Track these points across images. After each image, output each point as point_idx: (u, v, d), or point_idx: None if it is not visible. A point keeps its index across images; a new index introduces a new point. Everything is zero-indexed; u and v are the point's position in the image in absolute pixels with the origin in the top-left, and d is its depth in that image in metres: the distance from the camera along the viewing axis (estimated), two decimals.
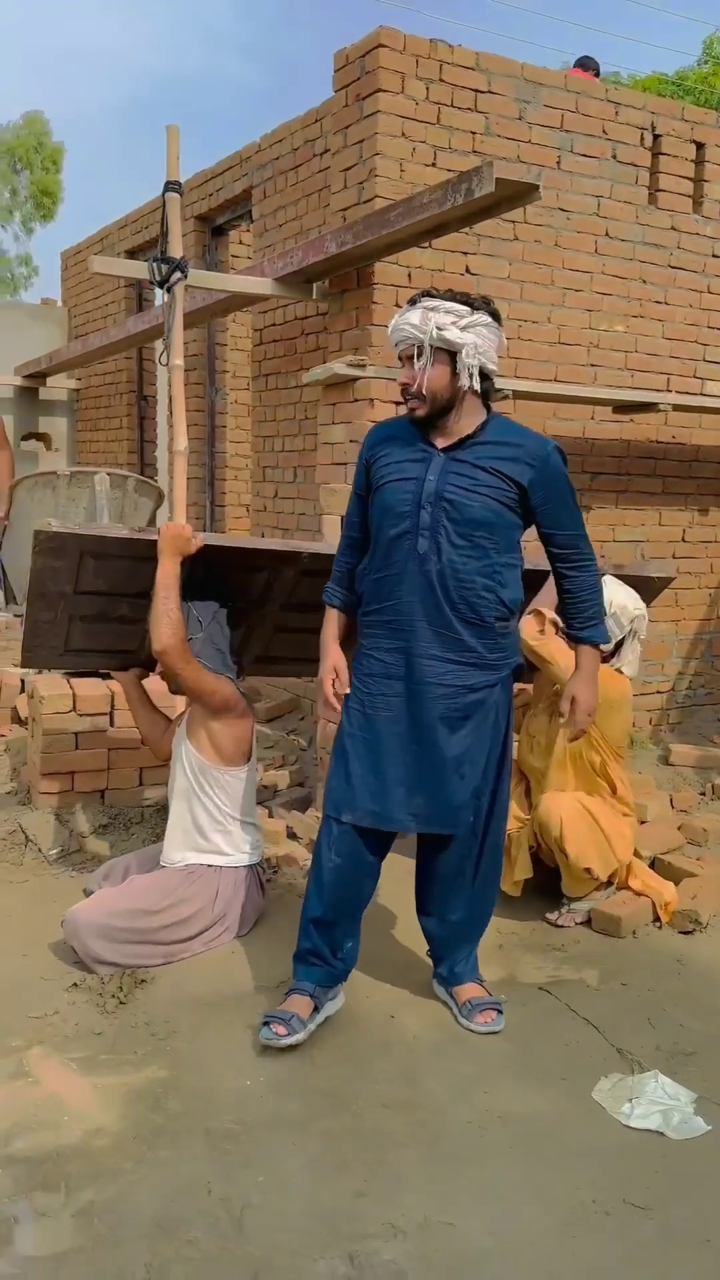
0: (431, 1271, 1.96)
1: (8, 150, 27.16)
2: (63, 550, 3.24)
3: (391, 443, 2.71)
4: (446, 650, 2.63)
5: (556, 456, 2.69)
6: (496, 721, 2.74)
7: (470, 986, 2.86)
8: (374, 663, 2.70)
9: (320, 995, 2.73)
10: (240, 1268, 1.94)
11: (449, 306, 2.56)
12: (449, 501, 2.59)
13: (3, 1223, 2.03)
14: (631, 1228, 2.10)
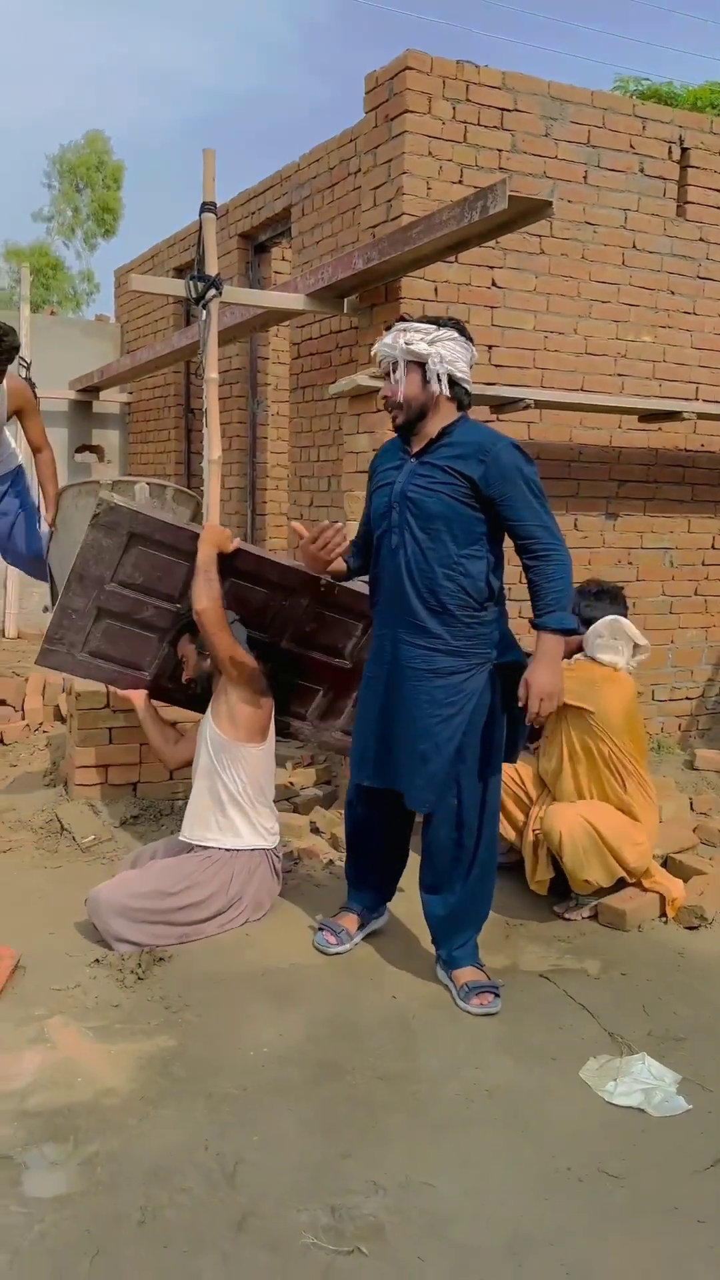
0: (407, 1225, 2.09)
1: (70, 169, 27.90)
2: (116, 526, 3.56)
3: (384, 457, 3.13)
4: (415, 636, 2.90)
5: (508, 452, 2.84)
6: (474, 714, 2.89)
7: (469, 970, 3.00)
8: (372, 649, 3.12)
9: (366, 915, 3.28)
10: (228, 1214, 2.09)
11: (418, 326, 2.90)
12: (411, 500, 2.88)
13: (15, 1168, 2.20)
14: (603, 1194, 2.20)
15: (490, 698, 2.92)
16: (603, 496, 5.46)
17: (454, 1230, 2.08)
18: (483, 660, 2.91)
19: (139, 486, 5.16)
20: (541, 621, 2.84)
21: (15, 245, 27.81)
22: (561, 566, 2.84)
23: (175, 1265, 1.95)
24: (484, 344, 5.00)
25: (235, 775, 3.30)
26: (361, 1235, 2.05)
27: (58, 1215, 2.07)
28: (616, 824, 3.43)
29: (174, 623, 3.80)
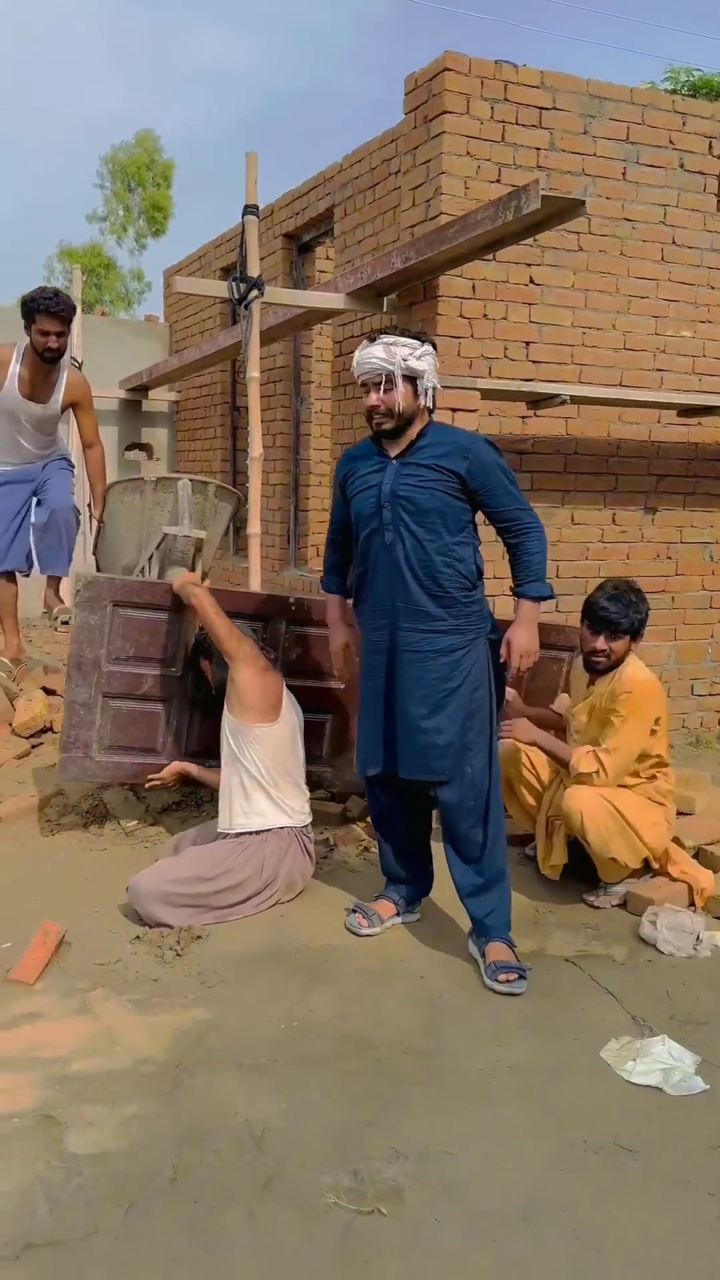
0: (426, 1189, 2.18)
1: (121, 169, 28.26)
2: (98, 600, 3.79)
3: (356, 461, 3.26)
4: (417, 621, 3.09)
5: (485, 449, 3.12)
6: (475, 684, 3.13)
7: (500, 948, 3.11)
8: (368, 641, 3.25)
9: (401, 905, 3.40)
10: (255, 1175, 2.20)
11: (407, 342, 3.05)
12: (404, 498, 3.06)
13: (57, 1127, 2.34)
14: (617, 1166, 2.28)
15: (485, 666, 3.17)
16: (641, 491, 5.50)
17: (471, 1196, 2.17)
18: (477, 634, 3.15)
19: (182, 483, 5.30)
20: (523, 590, 3.15)
21: (70, 246, 28.27)
22: (540, 540, 3.15)
23: (204, 1219, 2.07)
24: (521, 340, 5.08)
25: (253, 757, 3.41)
26: (381, 1197, 2.15)
27: (95, 1170, 2.20)
28: (634, 803, 3.49)
29: (175, 689, 3.96)
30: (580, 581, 5.39)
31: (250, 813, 3.41)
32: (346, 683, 3.39)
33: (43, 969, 2.99)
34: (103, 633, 3.82)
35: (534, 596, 3.14)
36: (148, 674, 3.91)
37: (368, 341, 3.09)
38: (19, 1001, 2.85)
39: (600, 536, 5.43)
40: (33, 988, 2.92)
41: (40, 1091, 2.46)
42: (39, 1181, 2.16)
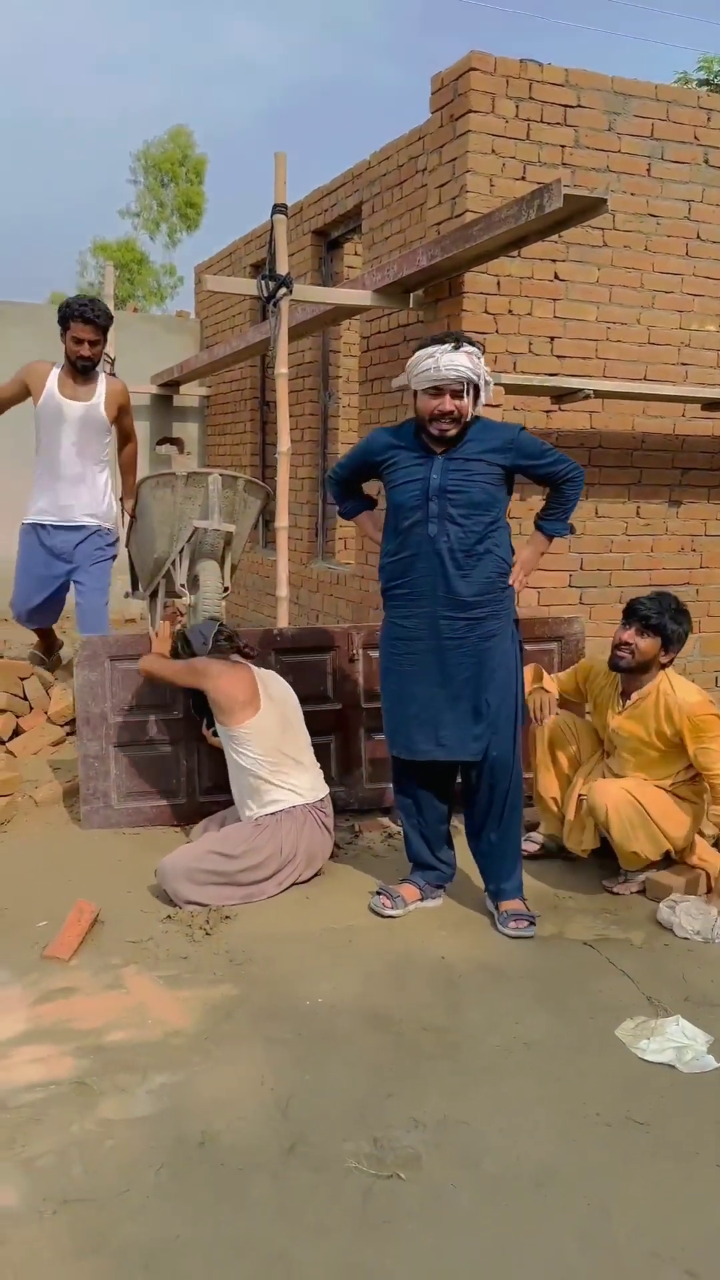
0: (443, 1157, 2.27)
1: (155, 164, 28.44)
2: (95, 658, 4.02)
3: (398, 450, 3.34)
4: (459, 610, 3.22)
5: (522, 435, 3.32)
6: (509, 669, 3.29)
7: (513, 902, 3.38)
8: (399, 628, 3.36)
9: (426, 889, 3.50)
10: (280, 1140, 2.30)
11: (477, 352, 3.16)
12: (451, 492, 3.17)
13: (92, 1094, 2.45)
14: (628, 1138, 2.36)
15: (515, 650, 3.36)
16: (666, 484, 5.54)
17: (486, 1163, 2.26)
18: (509, 619, 3.31)
19: (212, 477, 5.41)
20: (542, 523, 3.43)
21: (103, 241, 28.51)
22: (576, 487, 3.38)
23: (230, 1180, 2.17)
24: (546, 335, 5.14)
25: (250, 754, 3.51)
26: (400, 1163, 2.24)
27: (127, 1134, 2.31)
28: (660, 800, 3.55)
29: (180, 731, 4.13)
30: (605, 574, 5.45)
31: (264, 804, 3.52)
32: None
33: (78, 946, 3.11)
34: (104, 687, 4.06)
35: (548, 532, 3.42)
36: (151, 720, 4.12)
37: (449, 348, 3.12)
38: (55, 976, 2.97)
39: (625, 529, 5.48)
40: (68, 964, 3.04)
41: (75, 1061, 2.58)
42: (74, 1143, 2.27)
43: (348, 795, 4.30)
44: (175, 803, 4.16)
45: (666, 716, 3.53)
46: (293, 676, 4.18)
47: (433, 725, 3.31)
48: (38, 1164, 2.20)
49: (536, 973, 3.09)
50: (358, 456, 3.50)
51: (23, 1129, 2.31)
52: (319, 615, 6.91)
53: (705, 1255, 2.01)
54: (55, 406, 4.66)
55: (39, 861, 3.80)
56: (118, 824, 4.09)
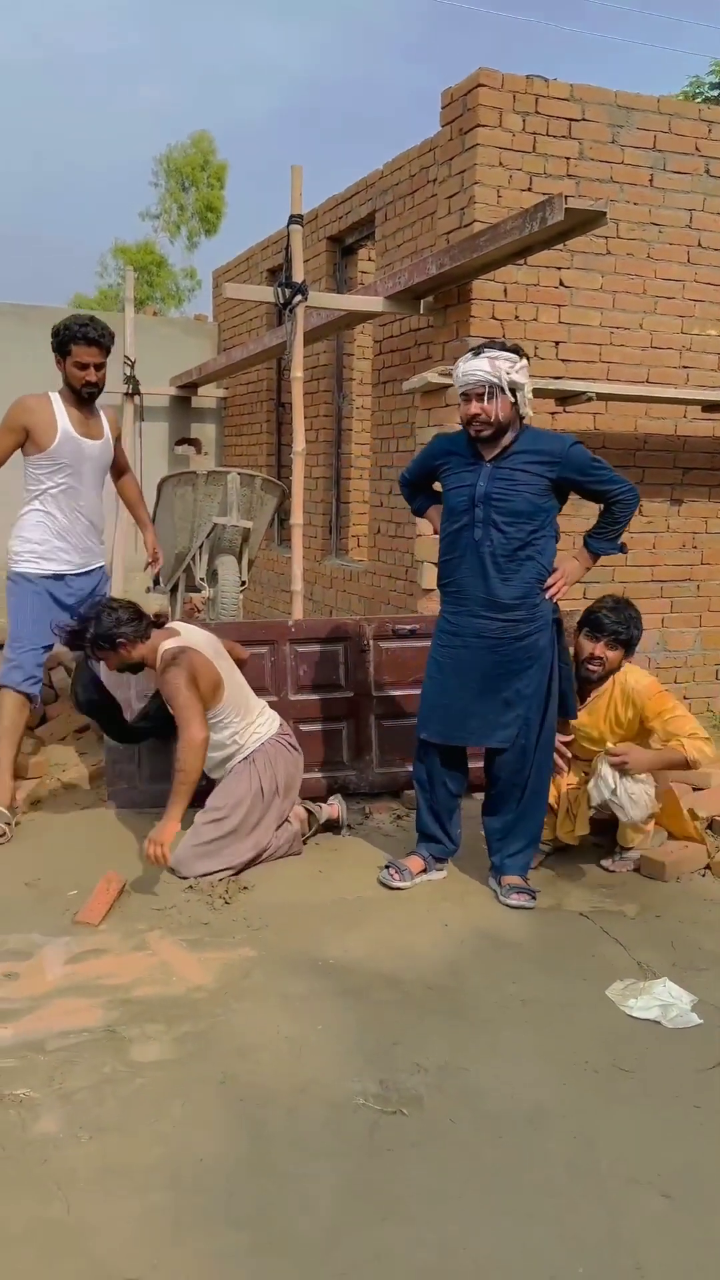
0: (444, 1097, 2.49)
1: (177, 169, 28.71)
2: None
3: (452, 456, 3.54)
4: (497, 611, 3.44)
5: (574, 450, 3.42)
6: (543, 664, 3.49)
7: (515, 878, 3.60)
8: (447, 623, 3.59)
9: (430, 862, 3.70)
10: (294, 1080, 2.52)
11: (508, 356, 3.32)
12: (495, 500, 3.36)
13: (122, 1040, 2.68)
14: (614, 1083, 2.57)
15: (552, 649, 3.53)
16: (667, 484, 5.73)
17: (483, 1103, 2.47)
18: (546, 621, 3.49)
19: (230, 476, 5.66)
20: (590, 542, 3.57)
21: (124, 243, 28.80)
22: (625, 508, 3.49)
23: (249, 1113, 2.39)
24: (551, 340, 5.34)
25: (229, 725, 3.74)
26: (404, 1102, 2.46)
27: (155, 1074, 2.53)
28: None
29: None
30: (608, 570, 5.64)
31: (232, 753, 3.77)
32: None
33: (106, 912, 3.33)
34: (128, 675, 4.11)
35: (593, 550, 3.56)
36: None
37: (471, 355, 3.35)
38: (86, 939, 3.20)
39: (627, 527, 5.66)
40: (97, 928, 3.27)
41: (105, 1013, 2.80)
42: (107, 1081, 2.50)
43: (359, 779, 4.51)
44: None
45: (625, 701, 3.76)
46: (307, 666, 4.41)
47: (463, 714, 3.53)
48: (75, 1098, 2.43)
49: (534, 940, 3.30)
50: (421, 460, 3.70)
51: (60, 1069, 2.54)
52: (332, 610, 7.13)
53: (679, 1181, 2.22)
54: (76, 448, 4.10)
55: (68, 838, 4.03)
56: (141, 804, 4.29)
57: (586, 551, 3.57)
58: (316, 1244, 2.00)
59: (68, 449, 4.09)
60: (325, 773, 4.45)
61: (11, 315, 8.94)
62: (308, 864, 3.84)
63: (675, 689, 5.94)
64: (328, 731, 4.46)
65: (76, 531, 4.22)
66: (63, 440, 4.07)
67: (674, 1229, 2.08)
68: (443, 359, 5.38)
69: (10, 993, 2.88)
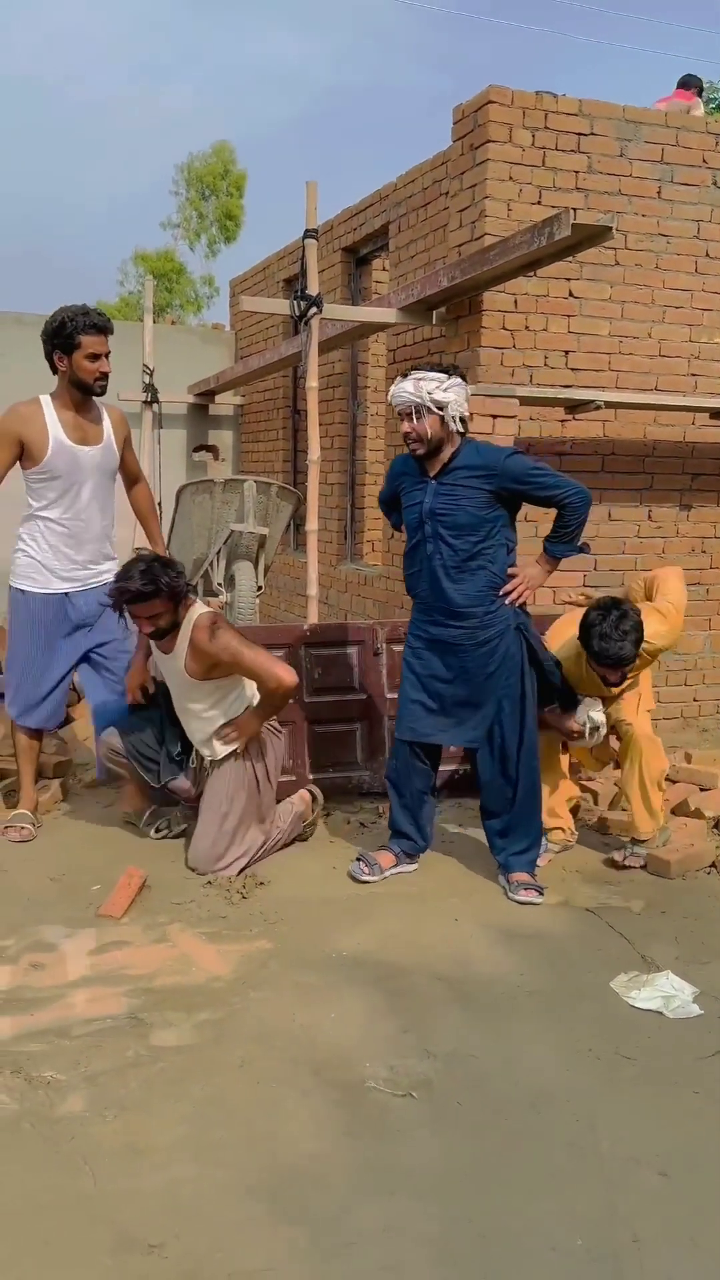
0: (451, 1082, 2.60)
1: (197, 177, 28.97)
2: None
3: (405, 476, 3.71)
4: (455, 620, 3.59)
5: (511, 460, 3.54)
6: (511, 668, 3.59)
7: (522, 875, 3.72)
8: (417, 628, 3.76)
9: (401, 857, 3.83)
10: (308, 1064, 2.64)
11: (434, 376, 3.46)
12: (441, 515, 3.52)
13: (144, 1026, 2.80)
14: (616, 1069, 2.67)
15: (519, 653, 3.64)
16: (676, 489, 5.83)
17: (489, 1087, 2.58)
18: (507, 625, 3.60)
19: (247, 484, 5.80)
20: (549, 546, 3.67)
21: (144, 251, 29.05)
22: (576, 511, 3.57)
23: (265, 1095, 2.51)
24: (560, 349, 5.45)
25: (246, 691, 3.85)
26: (413, 1086, 2.57)
27: (175, 1058, 2.65)
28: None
29: None
30: (618, 575, 5.74)
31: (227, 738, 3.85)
32: None
33: (128, 906, 3.46)
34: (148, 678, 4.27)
35: (551, 554, 3.67)
36: None
37: (401, 377, 3.52)
38: (108, 932, 3.33)
39: (637, 532, 5.77)
40: (119, 921, 3.39)
41: (128, 1000, 2.93)
42: (130, 1064, 2.62)
43: (372, 779, 4.62)
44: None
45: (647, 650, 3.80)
46: (322, 669, 4.53)
47: (434, 712, 3.70)
48: (99, 1080, 2.55)
49: (541, 934, 3.41)
50: (387, 482, 3.88)
51: (85, 1053, 2.66)
52: (347, 614, 7.25)
53: (676, 1161, 2.32)
54: (70, 458, 3.85)
55: (90, 835, 4.16)
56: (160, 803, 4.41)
57: (546, 556, 3.67)
58: (328, 1215, 2.11)
59: (62, 460, 3.83)
60: (339, 773, 4.56)
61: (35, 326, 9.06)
62: (322, 860, 3.96)
63: (686, 691, 6.03)
64: (342, 733, 4.58)
65: (80, 551, 3.98)
66: (55, 451, 3.82)
67: (670, 1204, 2.18)
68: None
69: (37, 982, 3.01)
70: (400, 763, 3.83)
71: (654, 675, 4.28)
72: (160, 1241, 2.02)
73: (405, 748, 3.80)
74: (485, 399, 5.11)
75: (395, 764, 3.86)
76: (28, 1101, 2.45)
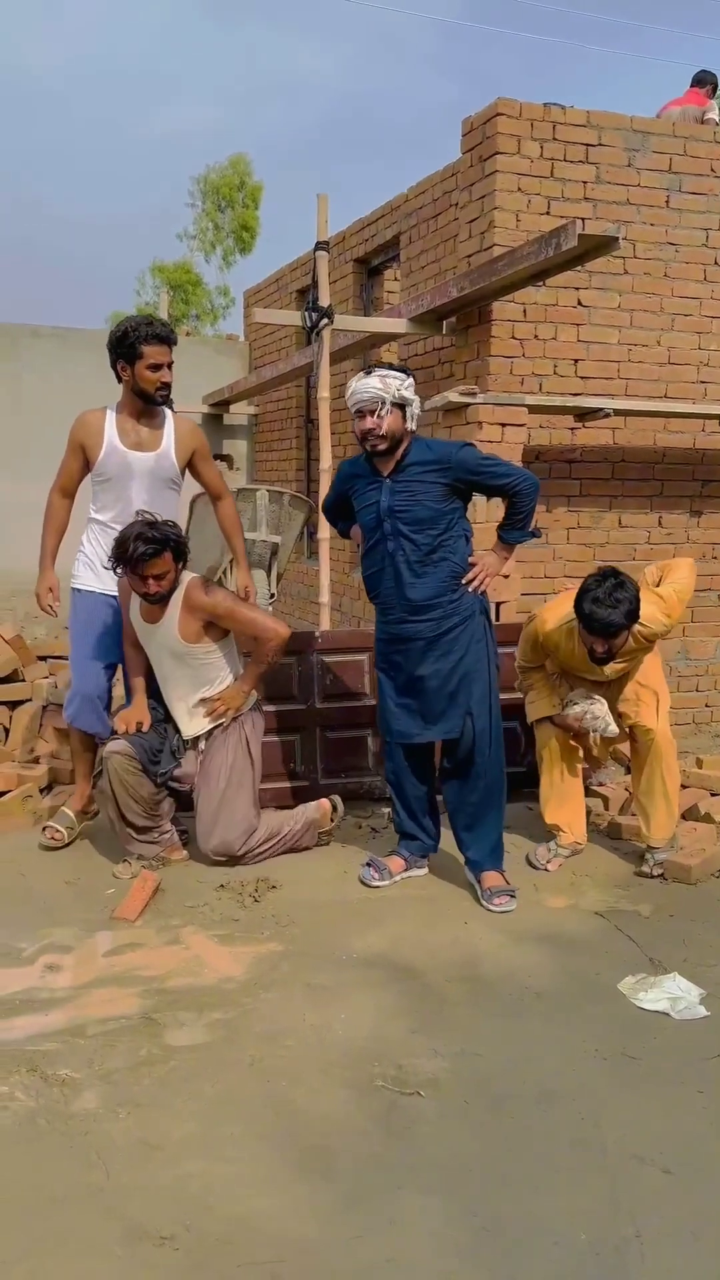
0: (459, 1080, 2.63)
1: (213, 189, 29.19)
2: None
3: (355, 479, 3.76)
4: (420, 614, 3.66)
5: (463, 452, 3.62)
6: (477, 655, 3.71)
7: (493, 875, 3.75)
8: (382, 631, 3.81)
9: (411, 860, 3.90)
10: (318, 1063, 2.68)
11: (396, 375, 3.55)
12: (399, 512, 3.58)
13: (156, 1026, 2.85)
14: (621, 1068, 2.70)
15: (484, 638, 3.73)
16: (687, 496, 5.85)
17: (495, 1086, 2.62)
18: (471, 613, 3.70)
19: (260, 493, 5.85)
20: (503, 535, 3.76)
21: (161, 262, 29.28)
22: (525, 497, 3.65)
23: (275, 1092, 2.56)
24: (569, 358, 5.49)
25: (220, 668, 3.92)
26: (421, 1084, 2.61)
27: (188, 1056, 2.70)
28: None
29: None
30: None
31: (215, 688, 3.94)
32: None
33: (142, 909, 3.51)
34: None
35: (505, 540, 3.76)
36: None
37: (363, 374, 3.58)
38: (123, 934, 3.38)
39: (647, 538, 5.80)
40: (134, 924, 3.45)
41: (141, 1001, 2.98)
42: (144, 1063, 2.67)
43: (384, 785, 4.66)
44: None
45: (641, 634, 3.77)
46: (333, 675, 4.58)
47: (416, 712, 3.75)
48: (113, 1078, 2.60)
49: (550, 937, 3.44)
50: (334, 488, 3.92)
51: (99, 1052, 2.72)
52: (360, 621, 7.30)
53: (680, 1158, 2.35)
54: (121, 461, 3.93)
55: (104, 840, 4.22)
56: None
57: (501, 544, 3.75)
58: (336, 1208, 2.15)
59: (113, 462, 3.92)
60: (351, 778, 4.61)
61: (52, 338, 9.21)
62: (333, 864, 4.01)
63: (697, 696, 6.05)
64: (353, 739, 4.63)
65: None
66: (108, 453, 3.91)
67: (673, 1201, 2.21)
68: (464, 378, 5.54)
69: (53, 983, 3.07)
70: (396, 764, 3.88)
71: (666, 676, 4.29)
72: (171, 1234, 2.07)
73: (398, 750, 3.85)
74: (495, 408, 5.16)
75: (392, 765, 3.91)
76: (43, 1098, 2.51)
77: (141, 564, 3.62)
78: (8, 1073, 2.60)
